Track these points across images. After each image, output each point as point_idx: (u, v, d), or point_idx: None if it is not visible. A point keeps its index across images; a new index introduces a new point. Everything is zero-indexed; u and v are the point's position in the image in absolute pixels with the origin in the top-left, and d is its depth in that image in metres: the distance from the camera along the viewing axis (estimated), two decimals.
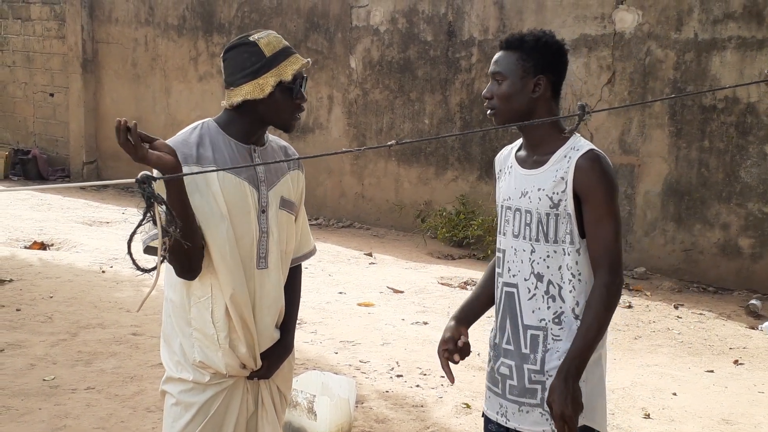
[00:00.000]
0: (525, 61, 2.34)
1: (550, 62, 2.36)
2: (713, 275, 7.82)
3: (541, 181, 2.33)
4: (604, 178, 2.28)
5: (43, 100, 13.12)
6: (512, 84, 2.35)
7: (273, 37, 2.34)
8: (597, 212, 2.27)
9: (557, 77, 2.38)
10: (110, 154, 12.55)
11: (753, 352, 5.92)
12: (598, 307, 2.26)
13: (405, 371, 5.11)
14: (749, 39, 7.48)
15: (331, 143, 10.24)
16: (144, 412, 4.30)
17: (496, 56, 2.41)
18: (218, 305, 2.31)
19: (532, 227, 2.35)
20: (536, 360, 2.35)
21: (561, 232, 2.31)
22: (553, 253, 2.33)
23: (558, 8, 8.48)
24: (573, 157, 2.30)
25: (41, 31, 12.92)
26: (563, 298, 2.33)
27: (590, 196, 2.27)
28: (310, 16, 10.31)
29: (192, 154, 2.27)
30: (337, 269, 7.80)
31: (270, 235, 2.39)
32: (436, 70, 9.41)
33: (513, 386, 2.40)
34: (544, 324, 2.34)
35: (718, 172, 7.76)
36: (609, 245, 2.27)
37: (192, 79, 11.41)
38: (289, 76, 2.29)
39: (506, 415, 2.43)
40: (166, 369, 2.42)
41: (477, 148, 9.21)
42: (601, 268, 2.28)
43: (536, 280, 2.35)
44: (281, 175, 2.44)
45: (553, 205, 2.31)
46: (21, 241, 8.16)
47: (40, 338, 5.30)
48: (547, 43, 2.36)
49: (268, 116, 2.34)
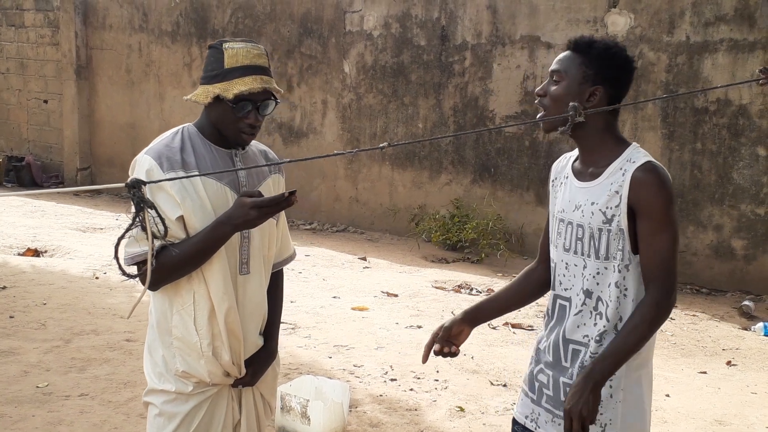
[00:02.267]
0: (587, 68, 2.25)
1: (613, 75, 2.25)
2: (706, 277, 7.84)
3: (595, 195, 2.25)
4: (662, 190, 2.18)
5: (37, 107, 13.11)
6: (568, 87, 2.25)
7: (245, 50, 2.28)
8: (653, 225, 2.17)
9: (617, 92, 2.27)
10: (104, 160, 12.55)
11: (746, 353, 5.94)
12: (642, 319, 2.15)
13: (399, 375, 5.12)
14: (741, 41, 7.51)
15: (325, 147, 10.25)
16: (137, 418, 4.29)
17: (560, 55, 2.32)
18: (201, 312, 2.30)
19: (584, 242, 2.27)
20: (572, 375, 2.28)
21: (612, 249, 2.22)
22: (603, 269, 2.24)
23: (551, 12, 8.50)
24: (628, 170, 2.20)
25: (35, 38, 12.91)
26: (608, 316, 2.24)
27: (646, 209, 2.17)
28: (303, 22, 10.32)
29: (177, 160, 2.27)
30: (331, 273, 7.80)
31: (251, 240, 2.38)
32: (429, 74, 9.43)
33: (549, 396, 2.35)
34: (587, 341, 2.27)
35: (710, 174, 7.78)
36: (665, 260, 2.17)
37: (186, 84, 11.40)
38: (230, 95, 2.23)
39: (537, 422, 2.39)
40: (148, 381, 2.40)
41: (471, 151, 9.23)
42: (655, 283, 2.18)
43: (585, 296, 2.28)
44: (262, 179, 2.44)
45: (606, 221, 2.22)
46: (14, 247, 8.15)
47: (33, 345, 5.29)
48: (615, 55, 2.25)
49: (217, 124, 2.33)
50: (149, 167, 2.23)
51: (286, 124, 10.58)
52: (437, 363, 5.36)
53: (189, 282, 2.29)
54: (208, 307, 2.30)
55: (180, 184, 2.23)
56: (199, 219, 2.24)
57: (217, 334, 2.32)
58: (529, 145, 8.82)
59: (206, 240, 2.21)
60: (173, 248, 2.19)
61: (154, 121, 11.84)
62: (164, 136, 2.36)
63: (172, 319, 2.33)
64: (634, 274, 2.23)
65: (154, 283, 2.20)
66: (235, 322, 2.34)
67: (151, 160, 2.25)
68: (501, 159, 8.98)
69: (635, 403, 2.26)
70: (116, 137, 12.34)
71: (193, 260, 2.23)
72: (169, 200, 2.21)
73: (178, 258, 2.20)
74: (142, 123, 11.99)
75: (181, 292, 2.31)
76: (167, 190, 2.22)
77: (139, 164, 2.26)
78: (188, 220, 2.24)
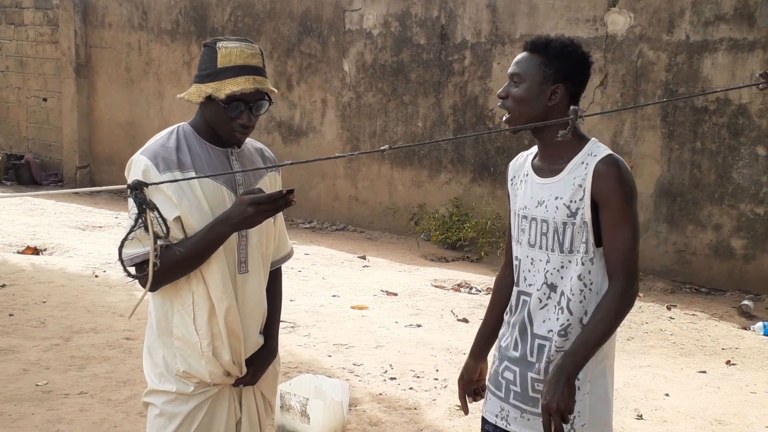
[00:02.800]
0: (547, 67, 2.29)
1: (572, 72, 2.30)
2: (706, 276, 7.85)
3: (558, 190, 2.29)
4: (623, 182, 2.23)
5: (37, 105, 13.10)
6: (529, 88, 2.30)
7: (239, 50, 2.26)
8: (615, 218, 2.22)
9: (576, 88, 2.32)
10: (103, 158, 12.54)
11: (745, 353, 5.94)
12: (608, 310, 2.20)
13: (398, 374, 5.12)
14: (740, 41, 7.51)
15: (324, 146, 10.25)
16: (137, 416, 4.29)
17: (518, 57, 2.37)
18: (201, 312, 2.30)
19: (548, 237, 2.31)
20: (539, 370, 2.32)
21: (576, 242, 2.26)
22: (567, 263, 2.28)
23: (550, 11, 8.50)
24: (591, 164, 2.25)
25: (34, 36, 12.90)
26: (571, 310, 2.28)
27: (608, 201, 2.22)
28: (303, 20, 10.32)
29: (173, 160, 2.26)
30: (330, 272, 7.80)
31: (249, 239, 2.38)
32: (429, 73, 9.43)
33: (516, 392, 2.38)
34: (551, 335, 2.30)
35: (710, 173, 7.78)
36: (627, 251, 2.22)
37: (185, 83, 11.39)
38: (221, 95, 2.22)
39: (507, 419, 2.42)
40: (149, 381, 2.39)
41: (470, 150, 9.23)
42: (617, 274, 2.22)
43: (549, 290, 2.32)
44: (259, 177, 2.43)
45: (571, 214, 2.26)
46: (14, 246, 8.15)
47: (33, 343, 5.29)
48: (572, 53, 2.31)
49: (211, 123, 2.33)
50: (145, 168, 2.22)
51: (285, 122, 10.58)
52: (437, 362, 5.36)
53: (188, 282, 2.29)
54: (207, 307, 2.29)
55: (176, 185, 2.22)
56: (197, 219, 2.24)
57: (217, 333, 2.31)
58: (528, 144, 8.82)
59: (205, 240, 2.21)
60: (172, 249, 2.19)
61: (154, 119, 11.84)
62: (159, 135, 2.34)
63: (172, 319, 2.32)
64: (598, 267, 2.27)
65: (153, 284, 2.19)
66: (235, 321, 2.33)
67: (146, 160, 2.24)
68: (500, 158, 8.97)
69: (601, 395, 2.31)
70: (115, 135, 12.33)
71: (192, 260, 2.22)
72: (166, 201, 2.20)
73: (177, 258, 2.19)
74: (142, 121, 11.99)
75: (180, 293, 2.30)
76: (164, 190, 2.21)
77: (135, 165, 2.25)
78: (185, 220, 2.23)
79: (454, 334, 5.98)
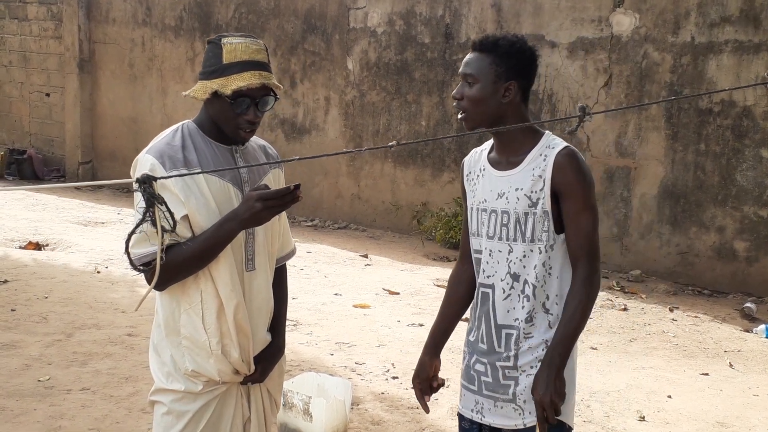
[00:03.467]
0: (498, 66, 2.35)
1: (522, 68, 2.37)
2: (708, 278, 7.83)
3: (518, 181, 2.36)
4: (582, 173, 2.32)
5: (39, 100, 13.10)
6: (483, 88, 2.36)
7: (244, 45, 2.25)
8: (576, 206, 2.31)
9: (527, 82, 2.40)
10: (106, 154, 12.54)
11: (748, 355, 5.93)
12: (580, 297, 2.30)
13: (400, 373, 5.11)
14: (746, 43, 7.50)
15: (327, 144, 10.24)
16: (139, 413, 4.29)
17: (467, 57, 2.42)
18: (209, 311, 2.29)
19: (509, 227, 2.37)
20: (509, 357, 2.38)
21: (538, 231, 2.34)
22: (529, 252, 2.35)
23: (555, 11, 8.49)
24: (550, 156, 2.33)
25: (38, 31, 12.89)
26: (536, 295, 2.36)
27: (569, 191, 2.30)
28: (307, 18, 10.31)
29: (179, 158, 2.25)
30: (332, 271, 7.80)
31: (256, 237, 2.38)
32: (433, 72, 9.42)
33: (488, 383, 2.43)
34: (518, 323, 2.37)
35: (714, 175, 7.77)
36: (589, 237, 2.32)
37: (189, 79, 11.38)
38: (228, 91, 2.21)
39: (482, 412, 2.46)
40: (156, 380, 2.38)
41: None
42: (582, 260, 2.32)
43: (512, 279, 2.38)
44: (263, 175, 2.43)
45: (532, 204, 2.33)
46: (16, 241, 8.15)
47: (35, 339, 5.29)
48: (521, 49, 2.37)
49: (216, 120, 2.31)
50: (151, 167, 2.21)
51: (288, 120, 10.57)
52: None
53: (196, 281, 2.28)
54: (216, 305, 2.29)
55: (183, 183, 2.21)
56: (204, 217, 2.23)
57: (226, 331, 2.31)
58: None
59: (213, 237, 2.20)
60: (180, 247, 2.18)
61: (157, 115, 11.83)
62: (164, 134, 2.33)
63: (180, 318, 2.31)
64: (558, 253, 2.36)
65: (161, 283, 2.18)
66: (244, 318, 2.32)
67: (153, 159, 2.23)
68: None
69: (569, 372, 2.36)
70: (118, 131, 12.33)
71: (200, 258, 2.22)
72: (174, 199, 2.19)
73: (185, 256, 2.19)
74: (145, 117, 11.98)
75: (188, 291, 2.29)
76: (171, 188, 2.19)
77: (141, 164, 2.24)
78: (193, 218, 2.22)
79: (456, 334, 5.95)
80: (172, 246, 2.18)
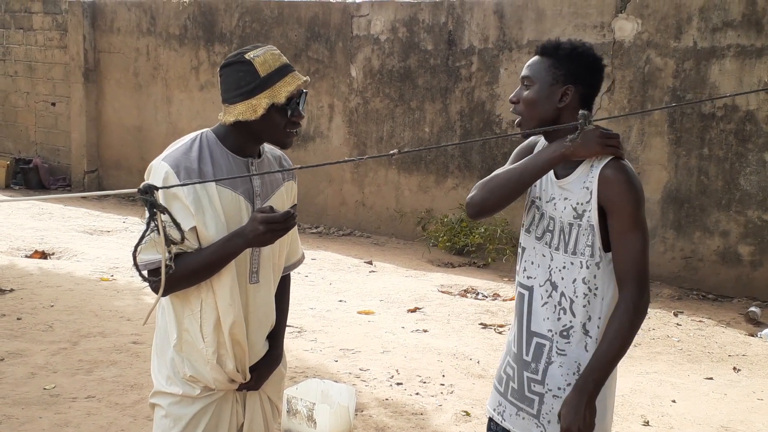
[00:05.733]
0: (556, 69, 2.28)
1: (582, 73, 2.29)
2: (713, 282, 7.83)
3: (568, 191, 2.29)
4: (630, 188, 2.21)
5: (45, 110, 13.16)
6: (539, 90, 2.29)
7: (270, 54, 2.27)
8: (623, 224, 2.19)
9: (589, 90, 2.31)
10: (112, 163, 12.58)
11: (752, 360, 5.92)
12: (622, 322, 2.18)
13: (405, 379, 5.12)
14: (748, 47, 7.51)
15: (331, 152, 10.27)
16: (144, 420, 4.31)
17: (529, 61, 2.36)
18: (207, 321, 2.30)
19: (554, 234, 2.30)
20: (537, 370, 2.30)
21: (581, 244, 2.25)
22: (570, 264, 2.27)
23: (557, 17, 8.51)
24: (596, 166, 2.24)
25: (43, 41, 12.96)
26: (574, 312, 2.26)
27: (616, 207, 2.19)
28: (311, 26, 10.35)
29: (195, 169, 2.24)
30: (337, 277, 7.81)
31: (262, 250, 2.37)
32: (436, 78, 9.44)
33: (514, 389, 2.38)
34: (551, 335, 2.28)
35: (717, 179, 7.77)
36: (636, 259, 2.19)
37: (193, 88, 11.44)
38: (282, 99, 2.23)
39: (503, 415, 2.43)
40: (155, 383, 2.40)
41: (477, 156, 9.23)
42: (628, 283, 2.20)
43: (551, 288, 2.30)
44: (276, 188, 2.42)
45: (577, 216, 2.25)
46: (22, 250, 8.18)
47: (40, 347, 5.31)
48: (582, 54, 2.29)
49: (263, 134, 2.31)
50: (166, 175, 2.20)
51: None
52: (443, 367, 5.36)
53: (197, 290, 2.29)
54: (214, 317, 2.30)
55: (195, 195, 2.21)
56: (212, 230, 2.23)
57: (222, 342, 2.32)
58: None
59: (220, 251, 2.21)
60: (187, 257, 2.19)
61: (162, 124, 11.88)
62: (182, 142, 2.31)
63: (181, 323, 2.33)
64: (604, 273, 2.25)
65: (165, 290, 2.21)
66: (240, 333, 2.33)
67: (168, 167, 2.21)
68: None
69: (604, 399, 2.28)
70: (123, 140, 12.38)
71: (204, 271, 2.23)
72: (183, 210, 2.19)
73: (190, 268, 2.20)
74: (150, 126, 12.03)
75: (189, 298, 2.31)
76: (182, 199, 2.20)
77: (155, 171, 2.23)
78: (201, 230, 2.23)
79: (461, 340, 5.98)
80: (178, 255, 2.19)
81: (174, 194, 2.17)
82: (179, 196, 2.19)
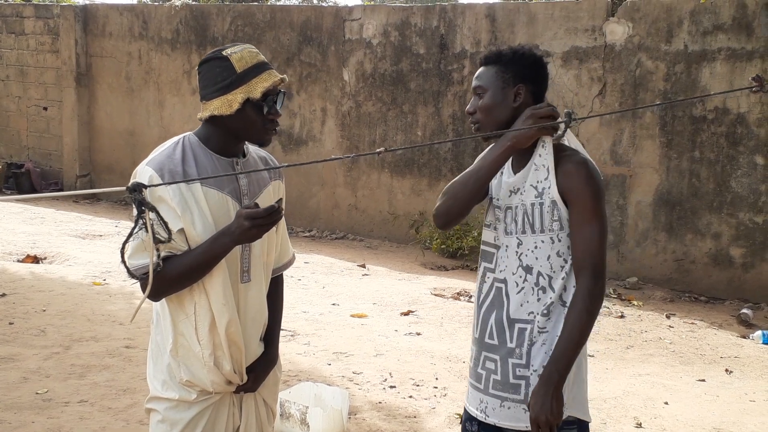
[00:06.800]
0: (504, 73, 2.40)
1: (528, 72, 2.40)
2: (705, 285, 7.86)
3: (526, 175, 2.38)
4: (590, 182, 2.29)
5: (37, 114, 13.13)
6: (493, 95, 2.40)
7: (247, 52, 2.30)
8: (582, 216, 2.28)
9: (537, 86, 2.42)
10: (104, 167, 12.56)
11: (744, 361, 5.95)
12: (580, 311, 2.26)
13: (398, 382, 5.12)
14: (739, 50, 7.55)
15: (324, 155, 10.27)
16: (137, 424, 4.30)
17: (477, 73, 2.48)
18: (202, 323, 2.30)
19: (517, 221, 2.38)
20: (521, 354, 2.35)
21: (547, 221, 2.32)
22: (540, 243, 2.34)
23: (549, 21, 8.54)
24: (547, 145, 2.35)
25: (35, 45, 12.94)
26: (553, 287, 2.33)
27: (576, 199, 2.29)
28: (303, 30, 10.36)
29: (179, 171, 2.25)
30: (330, 281, 7.81)
31: (252, 248, 2.38)
32: (428, 82, 9.46)
33: (497, 381, 2.40)
34: (533, 317, 2.34)
35: (708, 182, 7.81)
36: (593, 249, 2.28)
37: (185, 92, 11.44)
38: (258, 94, 2.25)
39: (486, 411, 2.43)
40: (151, 388, 2.39)
41: (469, 159, 9.25)
42: (584, 271, 2.28)
43: (525, 272, 2.36)
44: (263, 187, 2.43)
45: (538, 194, 2.33)
46: (14, 254, 8.16)
47: (33, 351, 5.30)
48: (524, 55, 2.42)
49: (240, 131, 2.32)
50: (150, 179, 2.20)
51: (285, 131, 10.60)
52: (436, 370, 5.36)
53: (190, 292, 2.29)
54: (209, 318, 2.30)
55: (180, 197, 2.22)
56: (200, 231, 2.24)
57: (219, 344, 2.32)
58: None
59: (207, 252, 2.21)
60: (176, 259, 2.20)
61: (154, 128, 11.87)
62: (165, 146, 2.32)
63: (177, 327, 2.33)
64: None
65: (155, 294, 2.20)
66: (236, 332, 2.33)
67: (152, 171, 2.22)
68: None
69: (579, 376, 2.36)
70: (116, 144, 12.36)
71: (194, 272, 2.23)
72: (170, 212, 2.19)
73: (180, 269, 2.20)
74: (142, 130, 12.02)
75: (183, 302, 2.31)
76: (168, 201, 2.20)
77: (140, 175, 2.24)
78: (189, 232, 2.23)
79: (454, 343, 5.98)
80: (168, 258, 2.19)
81: (160, 197, 2.18)
82: (165, 199, 2.20)
